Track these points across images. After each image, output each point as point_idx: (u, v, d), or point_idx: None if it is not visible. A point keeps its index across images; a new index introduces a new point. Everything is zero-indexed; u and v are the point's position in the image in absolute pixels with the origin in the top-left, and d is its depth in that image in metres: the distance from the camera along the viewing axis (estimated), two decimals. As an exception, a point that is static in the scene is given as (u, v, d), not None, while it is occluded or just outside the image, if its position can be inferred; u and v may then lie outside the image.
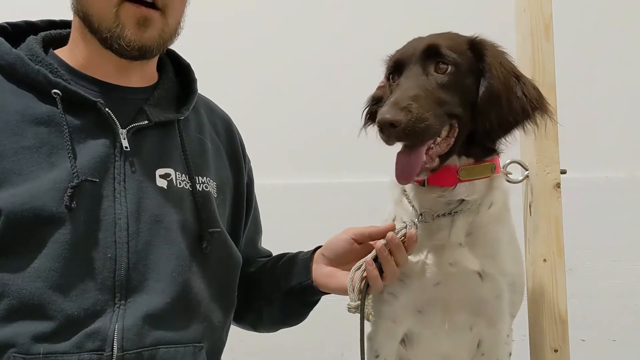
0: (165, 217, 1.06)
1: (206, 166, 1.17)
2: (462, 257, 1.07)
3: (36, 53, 1.07)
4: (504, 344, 1.14)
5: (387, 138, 0.97)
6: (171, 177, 1.10)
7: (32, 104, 1.03)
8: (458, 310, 1.10)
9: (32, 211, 0.95)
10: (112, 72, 1.11)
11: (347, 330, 1.16)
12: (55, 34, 1.17)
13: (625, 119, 2.13)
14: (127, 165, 1.05)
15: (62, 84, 1.03)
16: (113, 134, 1.05)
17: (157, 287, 1.02)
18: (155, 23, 1.07)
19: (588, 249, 2.07)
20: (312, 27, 2.12)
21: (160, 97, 1.15)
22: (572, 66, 1.75)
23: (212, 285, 1.11)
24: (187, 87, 1.22)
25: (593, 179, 2.07)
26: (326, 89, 2.05)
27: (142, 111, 1.10)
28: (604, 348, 2.04)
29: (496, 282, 1.08)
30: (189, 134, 1.17)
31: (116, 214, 1.01)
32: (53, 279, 0.95)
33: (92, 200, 1.00)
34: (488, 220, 1.08)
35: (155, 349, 1.00)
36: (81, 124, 1.04)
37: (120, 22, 1.04)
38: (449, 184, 1.05)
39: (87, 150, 1.02)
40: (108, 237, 1.00)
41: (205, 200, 1.12)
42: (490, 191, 1.08)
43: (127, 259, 1.00)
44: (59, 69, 1.07)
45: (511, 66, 1.05)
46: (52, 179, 0.98)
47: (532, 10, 1.27)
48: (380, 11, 2.10)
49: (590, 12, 2.12)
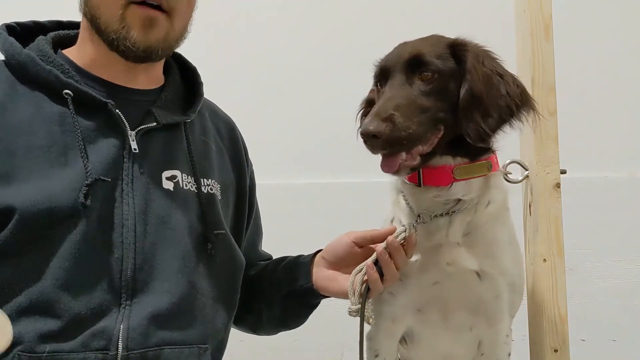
0: (171, 218, 1.06)
1: (211, 168, 1.18)
2: (459, 256, 1.07)
3: (47, 53, 1.08)
4: (503, 344, 1.14)
5: (372, 148, 0.98)
6: (177, 179, 1.10)
7: (44, 104, 1.04)
8: (457, 310, 1.10)
9: (46, 211, 0.96)
10: (120, 73, 1.12)
11: (347, 330, 1.16)
12: (64, 34, 1.18)
13: (625, 119, 2.12)
14: (136, 167, 1.06)
15: (73, 85, 1.04)
16: (122, 136, 1.06)
17: (163, 288, 1.03)
18: (161, 25, 1.07)
19: (588, 249, 2.07)
20: (316, 28, 2.12)
21: (167, 99, 1.16)
22: (572, 66, 1.75)
23: (216, 287, 1.12)
24: (193, 90, 1.23)
25: (593, 179, 2.07)
26: (327, 89, 2.04)
27: (149, 113, 1.10)
28: (604, 348, 2.04)
29: (495, 282, 1.08)
30: (194, 137, 1.17)
31: (124, 215, 1.02)
32: (63, 278, 0.96)
33: (103, 201, 1.01)
34: (486, 219, 1.08)
35: (160, 350, 1.01)
36: (92, 125, 1.04)
37: (126, 23, 1.05)
38: (444, 183, 1.05)
39: (98, 151, 1.03)
40: (116, 237, 1.01)
41: (210, 202, 1.13)
42: (488, 190, 1.08)
43: (134, 259, 1.01)
44: (70, 70, 1.07)
45: (494, 64, 1.04)
46: (65, 178, 0.99)
47: (532, 10, 1.27)
48: (381, 13, 2.10)
49: (590, 12, 2.12)
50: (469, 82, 1.01)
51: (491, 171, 1.08)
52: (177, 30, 1.11)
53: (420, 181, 1.07)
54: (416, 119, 0.98)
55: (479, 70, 1.02)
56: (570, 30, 1.81)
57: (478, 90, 1.01)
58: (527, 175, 1.29)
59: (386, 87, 1.04)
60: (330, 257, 1.16)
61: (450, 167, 1.05)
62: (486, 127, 1.01)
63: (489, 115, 1.01)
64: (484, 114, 1.01)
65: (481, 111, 1.01)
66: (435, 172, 1.05)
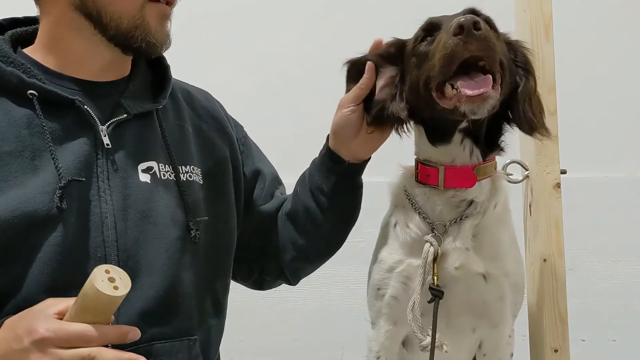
0: (152, 212, 1.05)
1: (189, 154, 1.16)
2: (468, 260, 1.06)
3: (6, 54, 1.03)
4: (506, 345, 1.14)
5: (464, 45, 0.90)
6: (154, 169, 1.08)
7: (9, 108, 1.00)
8: (461, 313, 1.10)
9: (23, 217, 0.94)
10: (95, 69, 1.09)
11: (347, 330, 1.16)
12: (22, 31, 1.13)
13: (625, 119, 2.12)
14: (110, 163, 1.03)
15: (37, 84, 1.01)
16: (93, 132, 1.04)
17: (148, 282, 1.02)
18: (170, 18, 1.10)
19: (588, 249, 2.07)
20: (313, 24, 2.12)
21: (135, 88, 1.12)
22: (572, 66, 1.75)
23: (202, 275, 1.11)
24: (161, 74, 1.20)
25: (593, 179, 2.07)
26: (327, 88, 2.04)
27: (119, 105, 1.08)
28: (604, 348, 2.04)
29: (499, 283, 1.08)
30: (169, 123, 1.15)
31: (102, 214, 1.00)
32: (47, 283, 0.95)
33: (79, 201, 0.99)
34: (492, 221, 1.08)
35: (150, 345, 1.00)
36: (60, 124, 1.02)
37: (146, 20, 1.05)
38: (468, 184, 1.04)
39: (69, 150, 1.01)
40: (97, 237, 0.99)
41: (190, 190, 1.11)
42: (496, 191, 1.08)
43: (117, 257, 1.00)
44: (32, 69, 1.03)
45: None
46: (39, 183, 0.97)
47: (532, 10, 1.27)
48: (381, 11, 2.10)
49: (590, 12, 2.12)
50: (529, 78, 1.04)
51: (496, 172, 1.09)
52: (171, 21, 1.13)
53: (441, 183, 1.06)
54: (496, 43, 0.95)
55: (534, 72, 1.05)
56: (570, 30, 1.81)
57: (534, 88, 1.05)
58: (527, 175, 1.29)
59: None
60: (339, 129, 1.14)
61: (470, 167, 1.04)
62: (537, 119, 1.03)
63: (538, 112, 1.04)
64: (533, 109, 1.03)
65: (532, 106, 1.03)
66: (459, 172, 1.04)
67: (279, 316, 1.99)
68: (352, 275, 1.91)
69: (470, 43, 0.91)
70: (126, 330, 0.88)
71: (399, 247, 1.11)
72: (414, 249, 1.08)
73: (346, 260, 1.99)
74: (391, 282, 1.11)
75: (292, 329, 1.30)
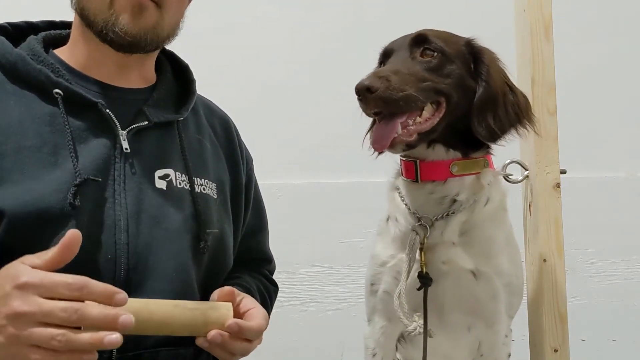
0: (165, 218, 1.06)
1: (204, 168, 1.17)
2: (455, 255, 1.07)
3: (37, 53, 1.07)
4: (502, 345, 1.14)
5: (365, 106, 0.97)
6: (170, 177, 1.10)
7: (34, 104, 1.03)
8: (454, 310, 1.10)
9: (36, 213, 0.95)
10: (112, 71, 1.11)
11: (347, 331, 1.16)
12: (55, 34, 1.17)
13: (625, 119, 2.12)
14: (127, 167, 1.05)
15: (63, 84, 1.03)
16: (113, 135, 1.05)
17: (157, 288, 1.02)
18: (150, 12, 1.06)
19: (588, 249, 2.07)
20: (315, 28, 2.12)
21: (159, 97, 1.15)
22: (572, 66, 1.75)
23: (208, 285, 1.11)
24: (186, 87, 1.22)
25: (593, 179, 2.07)
26: (328, 89, 2.04)
27: (141, 112, 1.10)
28: (604, 348, 2.04)
29: (491, 281, 1.08)
30: (188, 135, 1.16)
31: (116, 216, 1.01)
32: None
33: (93, 201, 1.00)
34: (483, 218, 1.08)
35: (156, 351, 1.00)
36: (82, 125, 1.04)
37: (115, 9, 1.04)
38: (440, 177, 1.06)
39: (88, 151, 1.02)
40: (108, 238, 0.99)
41: (203, 202, 1.12)
42: (483, 188, 1.08)
43: (127, 260, 1.00)
44: (60, 69, 1.07)
45: (505, 74, 1.09)
46: (55, 179, 0.98)
47: (532, 10, 1.27)
48: (382, 12, 2.10)
49: (590, 12, 2.12)
50: (486, 83, 1.03)
51: (488, 169, 1.09)
52: (167, 24, 1.10)
53: (417, 176, 1.07)
54: (414, 85, 0.97)
55: (496, 75, 1.05)
56: (570, 30, 1.82)
57: (494, 92, 1.04)
58: (527, 175, 1.29)
59: (387, 61, 1.05)
60: None
61: (447, 162, 1.05)
62: (496, 127, 1.03)
63: (499, 118, 1.04)
64: (495, 116, 1.03)
65: (493, 112, 1.03)
66: (432, 166, 1.06)
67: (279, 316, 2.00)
68: (352, 275, 1.91)
69: (368, 103, 0.96)
70: (114, 291, 0.84)
71: (391, 242, 1.13)
72: (404, 243, 1.09)
73: (346, 260, 2.01)
74: (384, 277, 1.12)
75: (292, 329, 1.30)
